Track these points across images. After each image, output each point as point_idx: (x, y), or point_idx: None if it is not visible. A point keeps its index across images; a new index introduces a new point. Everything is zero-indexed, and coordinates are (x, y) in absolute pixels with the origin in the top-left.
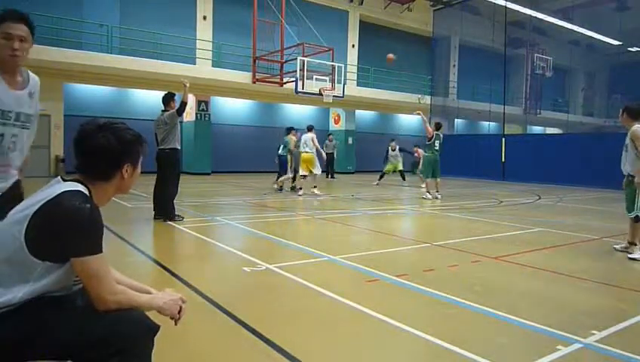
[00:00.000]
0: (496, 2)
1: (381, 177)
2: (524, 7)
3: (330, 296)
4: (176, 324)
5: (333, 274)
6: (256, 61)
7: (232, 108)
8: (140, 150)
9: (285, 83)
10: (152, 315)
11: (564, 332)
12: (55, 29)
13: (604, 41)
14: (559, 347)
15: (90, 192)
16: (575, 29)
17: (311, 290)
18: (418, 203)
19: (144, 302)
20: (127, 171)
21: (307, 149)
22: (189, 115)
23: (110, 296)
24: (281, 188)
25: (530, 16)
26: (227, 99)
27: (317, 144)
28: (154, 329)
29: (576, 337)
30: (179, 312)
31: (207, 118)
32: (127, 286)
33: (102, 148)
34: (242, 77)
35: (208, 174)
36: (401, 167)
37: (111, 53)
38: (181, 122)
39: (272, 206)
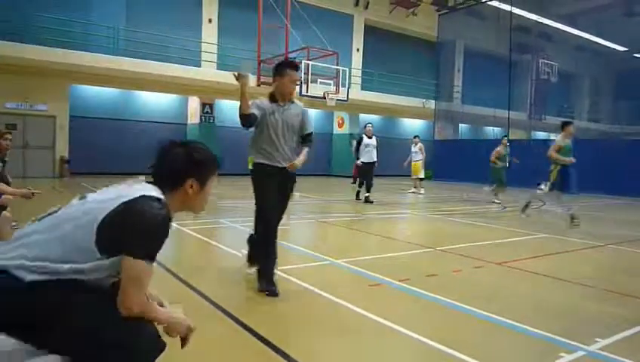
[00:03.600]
0: (501, 7)
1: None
2: (530, 12)
3: (333, 300)
4: (183, 347)
5: (336, 278)
6: (261, 64)
7: (237, 111)
8: (210, 171)
9: None
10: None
11: (567, 339)
12: (61, 31)
13: (611, 47)
14: (562, 354)
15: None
16: (581, 35)
17: (314, 294)
18: (422, 207)
19: (163, 315)
20: (191, 187)
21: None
22: (194, 117)
23: (137, 307)
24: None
25: (536, 21)
26: (232, 102)
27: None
28: (162, 348)
29: (579, 345)
30: (187, 336)
31: (211, 121)
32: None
33: (171, 160)
34: None
35: None
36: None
37: (117, 55)
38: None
39: None
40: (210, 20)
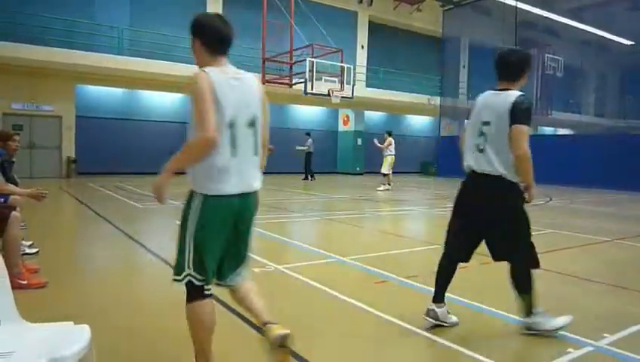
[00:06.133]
0: (506, 2)
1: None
2: (535, 7)
3: (340, 297)
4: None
5: (342, 275)
6: (266, 62)
7: None
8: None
9: (294, 84)
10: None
11: (575, 334)
12: (66, 32)
13: (616, 41)
14: (570, 350)
15: None
16: (587, 29)
17: (320, 291)
18: (427, 204)
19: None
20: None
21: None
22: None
23: (527, 147)
24: None
25: (541, 16)
26: None
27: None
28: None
29: (587, 340)
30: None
31: None
32: None
33: (512, 63)
34: None
35: None
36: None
37: (121, 55)
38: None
39: (280, 207)
40: None
